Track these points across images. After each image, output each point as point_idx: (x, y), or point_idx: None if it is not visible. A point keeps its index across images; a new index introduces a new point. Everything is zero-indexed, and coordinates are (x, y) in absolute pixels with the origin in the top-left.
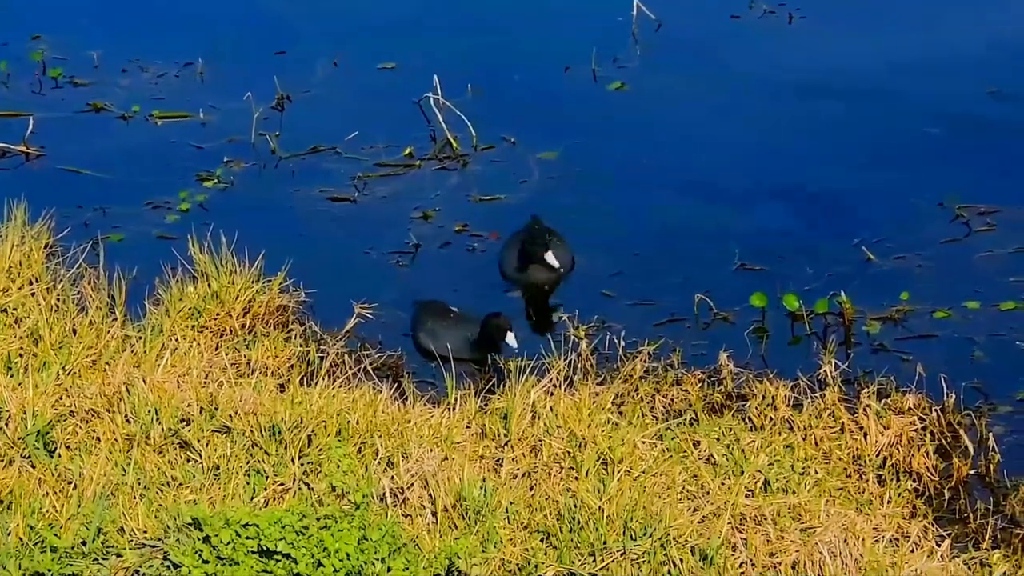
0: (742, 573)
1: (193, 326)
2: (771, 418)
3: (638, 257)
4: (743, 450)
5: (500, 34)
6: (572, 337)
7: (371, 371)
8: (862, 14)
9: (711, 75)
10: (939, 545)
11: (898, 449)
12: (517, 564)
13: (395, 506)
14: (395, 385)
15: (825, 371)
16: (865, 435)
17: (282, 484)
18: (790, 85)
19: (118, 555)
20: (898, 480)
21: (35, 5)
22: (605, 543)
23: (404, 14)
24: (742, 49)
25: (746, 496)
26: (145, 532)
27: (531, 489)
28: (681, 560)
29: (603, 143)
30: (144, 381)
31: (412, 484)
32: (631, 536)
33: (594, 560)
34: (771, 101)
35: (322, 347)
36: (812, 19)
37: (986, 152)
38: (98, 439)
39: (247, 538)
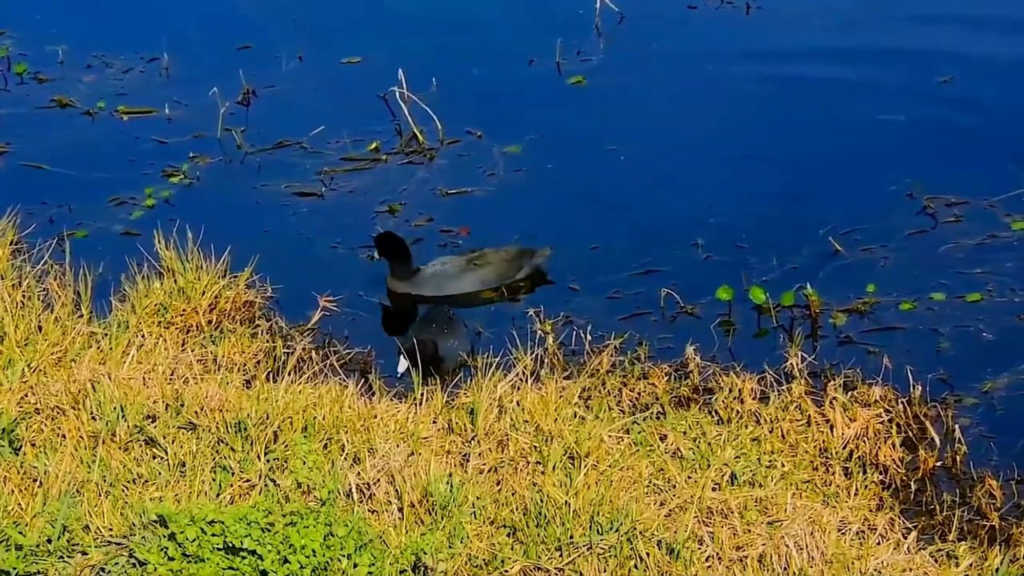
0: (709, 567)
1: (159, 322)
2: (738, 411)
3: (604, 251)
4: (710, 443)
5: (464, 28)
6: (538, 331)
7: (337, 366)
8: (816, 4)
9: (674, 68)
10: (905, 537)
11: (864, 441)
12: (484, 559)
13: (361, 502)
14: (361, 380)
15: (791, 364)
16: (831, 427)
17: (248, 480)
18: (753, 76)
19: (83, 553)
20: (864, 472)
21: None
22: (572, 537)
23: (367, 8)
24: (703, 41)
25: (713, 489)
26: (110, 529)
27: (498, 484)
28: (648, 554)
29: (568, 136)
30: (110, 378)
31: (378, 480)
32: (598, 530)
33: (561, 555)
34: (734, 93)
35: (288, 343)
36: (768, 9)
37: (946, 142)
38: (63, 436)
39: (212, 535)
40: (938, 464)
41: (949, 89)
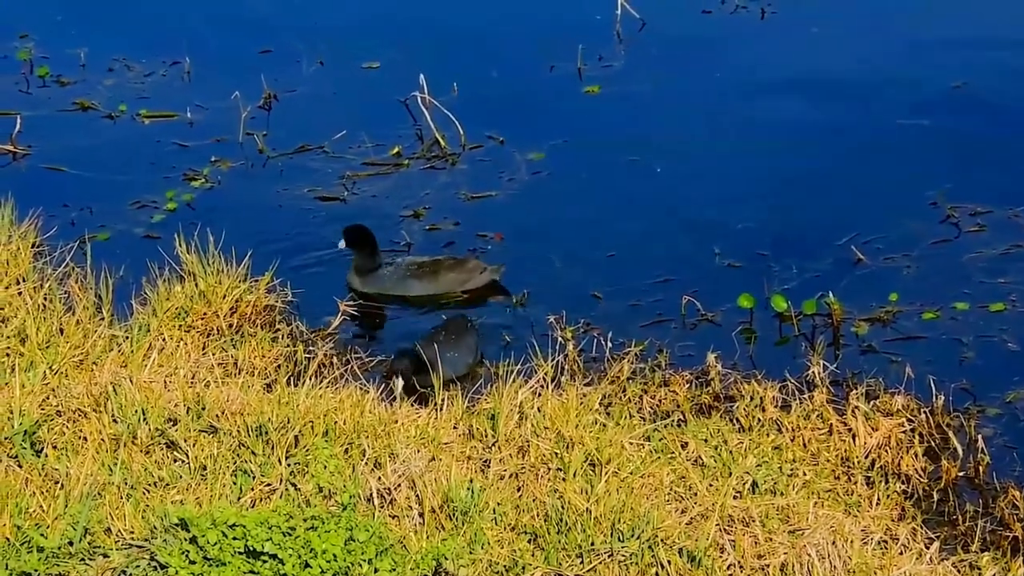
0: (730, 575)
1: (180, 326)
2: (759, 419)
3: (625, 258)
4: (731, 451)
5: (484, 33)
6: (559, 338)
7: (358, 371)
8: (828, 8)
9: (694, 74)
10: (928, 547)
11: (887, 451)
12: (504, 565)
13: (382, 507)
14: (382, 385)
15: (813, 372)
16: (854, 437)
17: (269, 484)
18: (771, 82)
19: (105, 555)
20: (887, 482)
21: (22, 5)
22: (592, 544)
23: (386, 13)
24: (723, 47)
25: (734, 498)
26: (132, 532)
27: (518, 490)
28: (669, 562)
29: (590, 143)
30: (131, 381)
31: (399, 485)
32: (619, 537)
33: (581, 561)
34: (755, 98)
35: (309, 347)
36: (782, 14)
37: (969, 150)
38: (85, 439)
39: (234, 539)
40: (961, 474)
41: (964, 95)
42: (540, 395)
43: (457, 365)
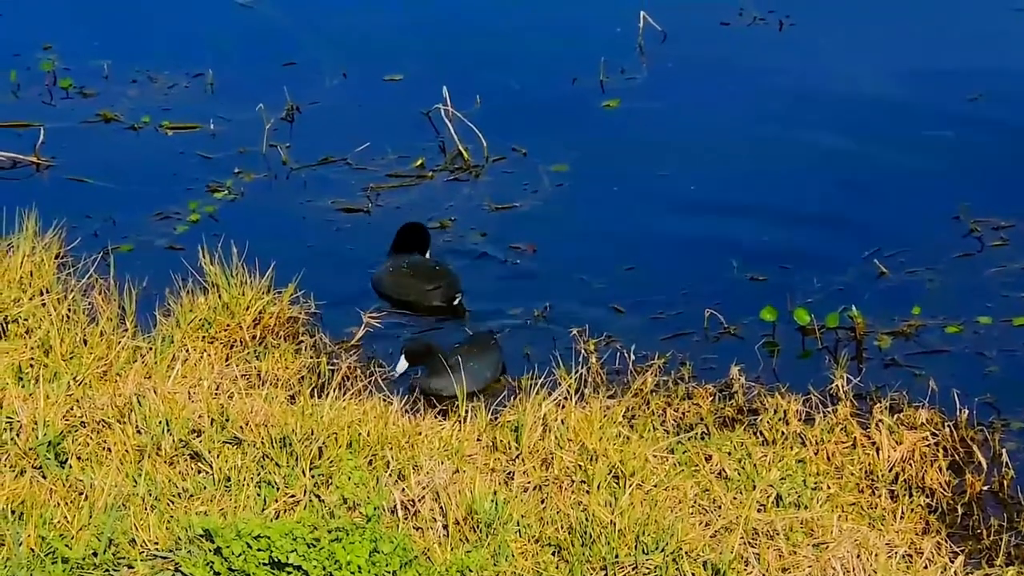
0: None
1: (203, 337)
2: (783, 432)
3: (647, 271)
4: (755, 464)
5: (506, 46)
6: (582, 351)
7: (382, 383)
8: (846, 18)
9: (717, 87)
10: (952, 561)
11: (911, 464)
12: None
13: (406, 519)
14: (406, 397)
15: (837, 386)
16: (878, 450)
17: (293, 496)
18: (791, 95)
19: (129, 566)
20: (911, 496)
21: (45, 16)
22: (617, 557)
23: (408, 26)
24: (746, 60)
25: (758, 511)
26: (156, 543)
27: (542, 502)
28: (693, 574)
29: (613, 154)
30: (155, 392)
31: (423, 497)
32: (643, 550)
33: (606, 574)
34: (779, 112)
35: (333, 359)
36: (801, 25)
37: (992, 163)
38: (109, 450)
39: (258, 550)
40: (985, 488)
41: (985, 107)
42: (563, 407)
43: (479, 379)
